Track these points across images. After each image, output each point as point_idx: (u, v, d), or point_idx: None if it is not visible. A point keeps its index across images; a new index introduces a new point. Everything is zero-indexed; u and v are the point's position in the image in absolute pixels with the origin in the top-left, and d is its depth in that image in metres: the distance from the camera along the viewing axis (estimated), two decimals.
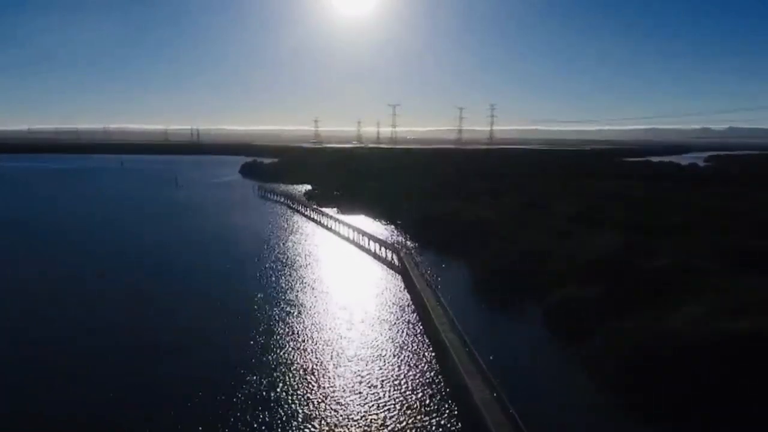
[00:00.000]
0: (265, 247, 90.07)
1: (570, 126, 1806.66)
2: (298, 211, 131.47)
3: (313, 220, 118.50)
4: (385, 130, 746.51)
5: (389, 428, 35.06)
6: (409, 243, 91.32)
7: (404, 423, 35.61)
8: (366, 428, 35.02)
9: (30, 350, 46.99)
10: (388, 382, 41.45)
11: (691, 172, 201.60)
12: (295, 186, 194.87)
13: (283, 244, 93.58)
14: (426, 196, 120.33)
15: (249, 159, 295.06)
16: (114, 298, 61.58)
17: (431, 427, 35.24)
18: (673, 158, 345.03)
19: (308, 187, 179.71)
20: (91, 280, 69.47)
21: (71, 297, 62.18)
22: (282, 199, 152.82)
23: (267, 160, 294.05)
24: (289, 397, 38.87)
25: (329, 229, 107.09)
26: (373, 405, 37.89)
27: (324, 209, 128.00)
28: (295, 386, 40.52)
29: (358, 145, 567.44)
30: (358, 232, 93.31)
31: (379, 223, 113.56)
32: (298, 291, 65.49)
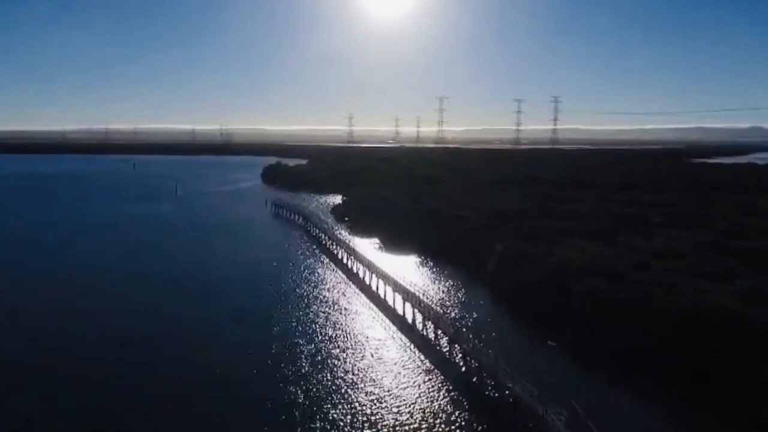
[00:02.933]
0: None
1: (606, 125, 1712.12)
2: (321, 245, 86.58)
3: (345, 269, 73.29)
4: (425, 130, 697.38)
5: None
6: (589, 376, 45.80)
7: None
8: None
9: None
10: None
11: None
12: (325, 198, 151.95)
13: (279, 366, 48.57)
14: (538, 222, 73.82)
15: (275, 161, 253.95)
16: None
17: None
18: (745, 159, 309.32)
19: (339, 199, 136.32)
20: None
21: None
22: (301, 221, 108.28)
23: (293, 162, 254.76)
24: None
25: (373, 295, 61.70)
26: None
27: (359, 241, 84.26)
28: None
29: (394, 145, 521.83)
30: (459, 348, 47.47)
31: (464, 280, 67.71)
32: None
